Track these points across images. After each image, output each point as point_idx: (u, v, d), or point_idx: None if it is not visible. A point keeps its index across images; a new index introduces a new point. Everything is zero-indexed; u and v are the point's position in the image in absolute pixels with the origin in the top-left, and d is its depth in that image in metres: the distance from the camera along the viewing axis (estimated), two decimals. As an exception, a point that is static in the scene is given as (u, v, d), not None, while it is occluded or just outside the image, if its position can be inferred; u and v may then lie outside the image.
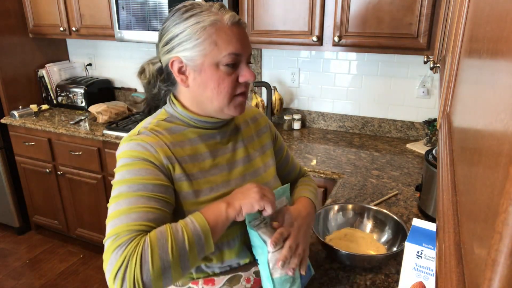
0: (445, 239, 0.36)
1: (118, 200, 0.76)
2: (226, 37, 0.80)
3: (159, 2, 2.14)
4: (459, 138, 0.45)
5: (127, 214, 0.73)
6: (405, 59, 2.08)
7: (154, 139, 0.82)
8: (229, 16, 0.81)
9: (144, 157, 0.79)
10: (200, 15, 0.80)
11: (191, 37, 0.80)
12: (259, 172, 0.96)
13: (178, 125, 0.88)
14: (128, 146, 0.81)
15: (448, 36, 0.88)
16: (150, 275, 0.67)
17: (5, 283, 2.47)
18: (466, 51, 0.51)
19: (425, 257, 0.85)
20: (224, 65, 0.81)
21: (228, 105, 0.85)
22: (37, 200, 2.84)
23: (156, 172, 0.79)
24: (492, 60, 0.30)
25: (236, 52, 0.81)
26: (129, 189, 0.76)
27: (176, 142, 0.85)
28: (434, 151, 1.35)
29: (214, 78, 0.82)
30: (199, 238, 0.73)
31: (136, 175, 0.77)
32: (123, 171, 0.78)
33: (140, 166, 0.79)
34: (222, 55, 0.80)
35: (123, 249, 0.69)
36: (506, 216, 0.19)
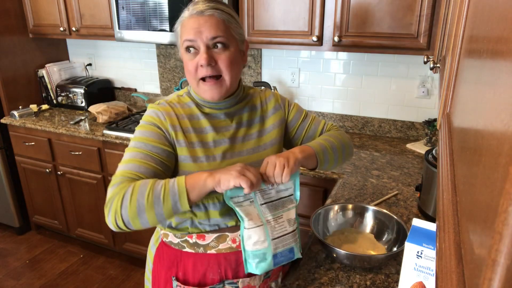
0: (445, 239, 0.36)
1: (126, 152, 0.97)
2: (183, 28, 0.96)
3: (159, 2, 2.14)
4: (459, 138, 0.45)
5: (126, 163, 0.94)
6: (405, 59, 2.08)
7: (167, 109, 1.01)
8: (192, 9, 0.96)
9: (154, 122, 0.99)
10: (184, 11, 0.98)
11: (175, 34, 1.01)
12: (258, 150, 1.07)
13: (190, 102, 1.05)
14: (148, 112, 1.02)
15: (448, 36, 0.88)
16: (127, 211, 0.87)
17: (5, 283, 2.47)
18: (466, 51, 0.51)
19: (425, 257, 0.85)
20: (185, 49, 0.97)
21: (197, 87, 0.99)
22: (37, 200, 2.84)
23: (159, 136, 0.98)
24: (492, 60, 0.30)
25: (187, 38, 0.95)
26: (135, 145, 0.97)
27: (185, 115, 1.02)
28: (434, 151, 1.35)
29: (185, 63, 0.99)
30: (174, 194, 0.87)
31: (143, 135, 0.98)
32: (137, 130, 1.00)
33: (149, 128, 0.98)
34: (182, 41, 0.96)
35: (113, 188, 0.91)
36: (506, 216, 0.19)
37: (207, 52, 0.94)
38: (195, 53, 0.96)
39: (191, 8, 0.97)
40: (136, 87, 2.94)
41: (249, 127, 1.08)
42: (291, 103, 1.18)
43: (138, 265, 2.61)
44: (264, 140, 1.09)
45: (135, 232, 2.50)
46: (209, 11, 0.95)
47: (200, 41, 0.94)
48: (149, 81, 2.87)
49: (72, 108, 2.84)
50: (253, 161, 1.05)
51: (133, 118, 2.51)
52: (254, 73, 2.47)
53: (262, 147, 1.08)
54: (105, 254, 2.74)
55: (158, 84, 2.84)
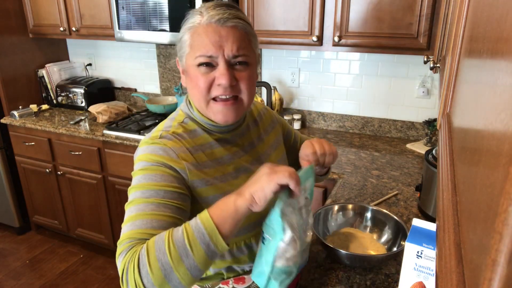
0: (445, 239, 0.36)
1: (130, 206, 0.77)
2: (198, 39, 0.79)
3: (159, 2, 2.14)
4: (459, 138, 0.45)
5: (133, 221, 0.73)
6: (405, 59, 2.08)
7: (176, 144, 0.82)
8: (210, 16, 0.79)
9: (164, 162, 0.79)
10: (190, 18, 0.82)
11: (180, 40, 0.84)
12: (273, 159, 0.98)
13: (197, 128, 0.88)
14: (149, 149, 0.80)
15: (448, 36, 0.88)
16: (150, 278, 0.65)
17: (5, 283, 2.47)
18: (466, 51, 0.51)
19: (425, 257, 0.85)
20: (198, 65, 0.81)
21: (207, 108, 0.84)
22: (37, 200, 2.84)
23: (171, 178, 0.78)
24: (492, 60, 0.30)
25: (206, 54, 0.79)
26: (142, 195, 0.76)
27: (198, 146, 0.85)
28: (434, 151, 1.35)
29: (193, 78, 0.82)
30: (202, 235, 0.67)
31: (150, 181, 0.77)
32: (140, 176, 0.78)
33: (157, 171, 0.78)
34: (195, 56, 0.80)
35: (123, 255, 0.70)
36: (506, 216, 0.19)
37: (228, 70, 0.80)
38: (210, 67, 0.81)
39: (208, 13, 0.79)
40: (136, 87, 2.94)
41: (260, 144, 0.96)
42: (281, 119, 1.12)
43: (138, 265, 2.61)
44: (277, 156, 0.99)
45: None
46: (232, 21, 0.79)
47: (221, 58, 0.79)
48: (149, 81, 2.87)
49: (72, 108, 2.84)
50: None
51: (133, 118, 2.51)
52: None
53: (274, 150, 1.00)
54: (105, 254, 2.74)
55: (158, 84, 2.84)
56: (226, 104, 0.82)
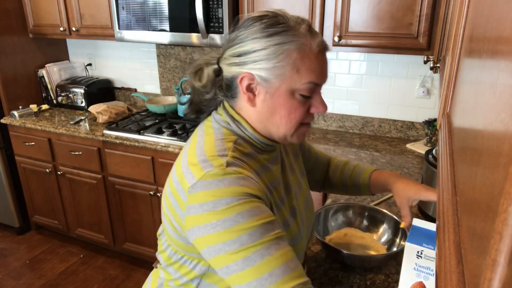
0: (445, 239, 0.36)
1: (246, 254, 0.64)
2: (310, 65, 0.72)
3: (159, 2, 2.14)
4: (459, 138, 0.45)
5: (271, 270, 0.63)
6: (405, 59, 2.08)
7: (248, 170, 0.71)
8: (318, 42, 0.73)
9: (251, 193, 0.68)
10: (286, 35, 0.71)
11: (273, 58, 0.71)
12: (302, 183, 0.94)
13: (251, 149, 0.79)
14: (226, 182, 0.67)
15: (448, 36, 0.88)
16: None
17: (5, 283, 2.47)
18: (466, 51, 0.51)
19: (425, 257, 0.85)
20: (300, 94, 0.73)
21: (294, 132, 0.78)
22: (37, 200, 2.84)
23: (265, 208, 0.69)
24: (492, 60, 0.30)
25: (316, 82, 0.73)
26: (253, 238, 0.64)
27: (258, 170, 0.76)
28: (434, 151, 1.35)
29: (287, 106, 0.74)
30: None
31: (249, 218, 0.65)
32: (233, 215, 0.65)
33: (250, 205, 0.67)
34: (301, 82, 0.72)
35: None
36: (506, 216, 0.19)
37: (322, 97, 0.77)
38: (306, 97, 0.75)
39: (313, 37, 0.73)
40: (136, 87, 2.94)
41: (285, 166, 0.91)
42: None
43: (138, 265, 2.61)
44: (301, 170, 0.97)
45: (135, 232, 2.50)
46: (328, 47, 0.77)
47: (321, 86, 0.76)
48: (149, 81, 2.87)
49: (72, 108, 2.84)
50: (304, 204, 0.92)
51: (133, 118, 2.51)
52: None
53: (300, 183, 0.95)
54: (105, 254, 2.74)
55: (158, 84, 2.84)
56: (308, 127, 0.81)
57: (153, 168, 2.24)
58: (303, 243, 0.84)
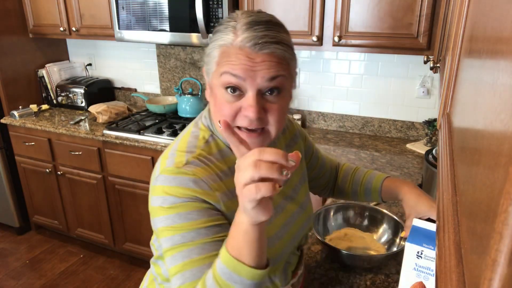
0: (445, 239, 0.36)
1: (172, 253, 0.69)
2: (227, 57, 0.69)
3: (159, 2, 2.14)
4: (459, 138, 0.45)
5: (182, 272, 0.68)
6: (405, 59, 2.08)
7: (206, 171, 0.72)
8: (244, 38, 0.68)
9: (196, 196, 0.69)
10: (221, 33, 0.71)
11: (209, 54, 0.74)
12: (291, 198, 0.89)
13: (224, 147, 0.77)
14: (176, 181, 0.70)
15: (448, 36, 0.88)
16: None
17: (5, 283, 2.47)
18: (466, 51, 0.51)
19: (425, 257, 0.85)
20: (224, 88, 0.70)
21: None
22: (37, 200, 2.84)
23: (208, 212, 0.70)
24: (492, 60, 0.30)
25: (232, 72, 0.68)
26: (182, 239, 0.69)
27: (228, 170, 0.75)
28: (434, 151, 1.35)
29: (218, 100, 0.72)
30: (229, 275, 0.61)
31: (187, 220, 0.69)
32: (173, 215, 0.69)
33: (192, 207, 0.69)
34: (220, 73, 0.70)
35: None
36: (506, 216, 0.19)
37: (257, 101, 0.69)
38: (237, 94, 0.70)
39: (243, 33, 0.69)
40: (136, 87, 2.94)
41: None
42: (303, 132, 1.03)
43: (138, 265, 2.61)
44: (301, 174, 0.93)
45: (135, 232, 2.50)
46: (270, 48, 0.68)
47: (250, 85, 0.69)
48: (149, 81, 2.87)
49: (72, 108, 2.84)
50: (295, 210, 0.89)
51: (133, 118, 2.51)
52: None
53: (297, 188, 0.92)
54: (105, 254, 2.74)
55: (158, 84, 2.84)
56: (251, 136, 0.72)
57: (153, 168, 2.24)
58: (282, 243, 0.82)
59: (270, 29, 0.70)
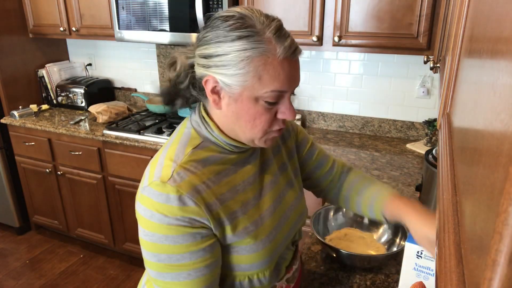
0: (445, 239, 0.36)
1: (162, 271, 0.72)
2: (273, 73, 0.68)
3: (159, 2, 2.14)
4: (459, 138, 0.45)
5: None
6: (405, 59, 2.08)
7: (191, 183, 0.71)
8: (284, 48, 0.68)
9: (183, 217, 0.69)
10: (249, 40, 0.67)
11: (234, 64, 0.68)
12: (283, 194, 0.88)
13: (215, 153, 0.77)
14: (163, 198, 0.70)
15: (448, 36, 0.88)
16: None
17: (5, 283, 2.47)
18: (466, 51, 0.51)
19: (425, 257, 0.85)
20: (265, 101, 0.71)
21: (260, 139, 0.76)
22: (37, 200, 2.84)
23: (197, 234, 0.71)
24: (492, 60, 0.30)
25: (280, 90, 0.70)
26: (169, 260, 0.71)
27: (214, 177, 0.75)
28: (434, 151, 1.35)
29: (251, 112, 0.72)
30: None
31: (174, 243, 0.70)
32: (161, 234, 0.70)
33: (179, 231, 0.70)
34: (264, 91, 0.69)
35: None
36: (506, 216, 0.19)
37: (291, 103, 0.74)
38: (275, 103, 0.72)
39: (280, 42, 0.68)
40: (136, 87, 2.94)
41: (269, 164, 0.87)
42: (297, 126, 1.02)
43: (138, 265, 2.61)
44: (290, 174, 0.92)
45: (136, 232, 2.50)
46: (299, 50, 0.71)
47: (289, 92, 0.72)
48: (149, 81, 2.87)
49: (72, 108, 2.84)
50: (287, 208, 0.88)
51: (133, 118, 2.51)
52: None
53: (290, 183, 0.91)
54: (105, 254, 2.74)
55: (158, 84, 2.84)
56: (279, 134, 0.78)
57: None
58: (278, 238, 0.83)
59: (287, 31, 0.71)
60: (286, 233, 0.86)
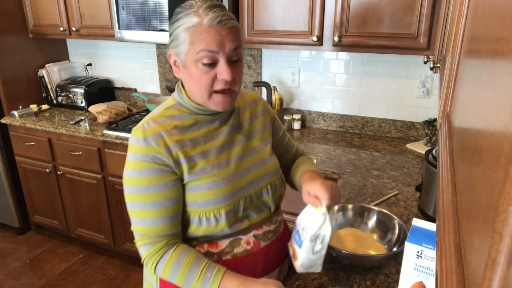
0: (445, 239, 0.36)
1: (133, 201, 0.92)
2: (201, 37, 0.87)
3: (159, 2, 2.14)
4: (459, 138, 0.45)
5: (141, 218, 0.91)
6: (405, 59, 2.08)
7: (154, 130, 0.92)
8: (210, 18, 0.86)
9: (147, 154, 0.90)
10: (185, 17, 0.89)
11: (176, 37, 0.90)
12: (256, 149, 1.05)
13: (182, 112, 0.97)
14: (133, 141, 0.93)
15: (448, 36, 0.88)
16: (160, 274, 0.93)
17: (5, 283, 2.47)
18: (466, 51, 0.51)
19: (425, 257, 0.85)
20: (201, 63, 0.88)
21: (209, 100, 0.93)
22: (37, 200, 2.84)
23: (159, 169, 0.90)
24: (492, 60, 0.30)
25: (208, 49, 0.87)
26: (138, 191, 0.91)
27: (178, 129, 0.95)
28: (434, 151, 1.35)
29: (194, 74, 0.91)
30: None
31: (141, 176, 0.90)
32: (131, 170, 0.92)
33: (144, 165, 0.90)
34: (197, 51, 0.88)
35: (146, 248, 0.92)
36: (506, 216, 0.19)
37: (229, 66, 0.89)
38: (211, 65, 0.89)
39: (207, 15, 0.87)
40: (136, 87, 2.94)
41: (240, 129, 1.05)
42: (273, 112, 1.18)
43: (138, 265, 2.61)
44: (259, 140, 1.08)
45: (135, 232, 2.50)
46: (230, 22, 0.89)
47: (222, 54, 0.88)
48: (149, 81, 2.87)
49: (72, 108, 2.84)
50: (255, 162, 1.03)
51: (133, 118, 2.51)
52: (254, 73, 2.47)
53: (257, 148, 1.06)
54: (105, 254, 2.74)
55: (158, 84, 2.84)
56: (226, 97, 0.93)
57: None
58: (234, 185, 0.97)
59: (224, 10, 0.90)
60: (246, 183, 1.00)
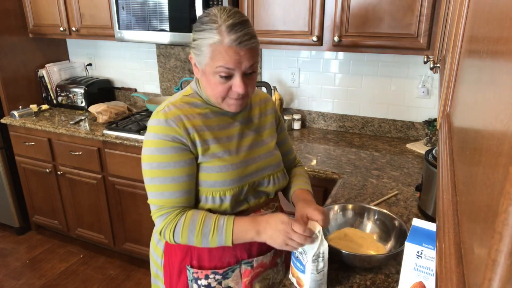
0: (445, 239, 0.36)
1: (153, 176, 1.00)
2: (220, 56, 0.94)
3: (159, 2, 2.14)
4: (459, 138, 0.45)
5: (161, 192, 1.00)
6: (405, 59, 2.08)
7: (175, 113, 1.01)
8: (230, 40, 0.93)
9: (168, 134, 0.99)
10: (208, 32, 0.95)
11: (199, 47, 0.98)
12: (265, 142, 1.15)
13: (198, 101, 1.07)
14: (154, 122, 1.01)
15: (448, 36, 0.88)
16: (179, 239, 1.01)
17: (5, 283, 2.47)
18: (466, 51, 0.51)
19: (425, 257, 0.85)
20: (219, 75, 0.96)
21: (222, 103, 1.03)
22: (37, 200, 2.84)
23: (178, 148, 1.00)
24: (492, 60, 0.30)
25: (225, 66, 0.95)
26: (158, 166, 0.99)
27: (195, 115, 1.04)
28: (434, 151, 1.35)
29: (211, 83, 0.99)
30: (221, 237, 0.99)
31: (161, 153, 0.99)
32: (153, 148, 1.00)
33: (164, 144, 0.99)
34: (215, 66, 0.96)
35: (162, 219, 1.01)
36: (506, 216, 0.19)
37: (243, 81, 0.98)
38: (227, 77, 0.97)
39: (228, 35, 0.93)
40: (136, 87, 2.94)
41: (250, 123, 1.14)
42: (280, 115, 1.27)
43: (138, 265, 2.61)
44: (267, 134, 1.17)
45: (135, 232, 2.50)
46: (250, 43, 0.95)
47: (238, 71, 0.96)
48: (149, 81, 2.87)
49: (72, 108, 2.84)
50: (262, 153, 1.13)
51: (133, 118, 2.51)
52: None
53: (265, 141, 1.16)
54: (105, 254, 2.74)
55: (158, 84, 2.84)
56: (238, 100, 1.02)
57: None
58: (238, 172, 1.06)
59: (245, 27, 0.95)
60: (252, 170, 1.09)
